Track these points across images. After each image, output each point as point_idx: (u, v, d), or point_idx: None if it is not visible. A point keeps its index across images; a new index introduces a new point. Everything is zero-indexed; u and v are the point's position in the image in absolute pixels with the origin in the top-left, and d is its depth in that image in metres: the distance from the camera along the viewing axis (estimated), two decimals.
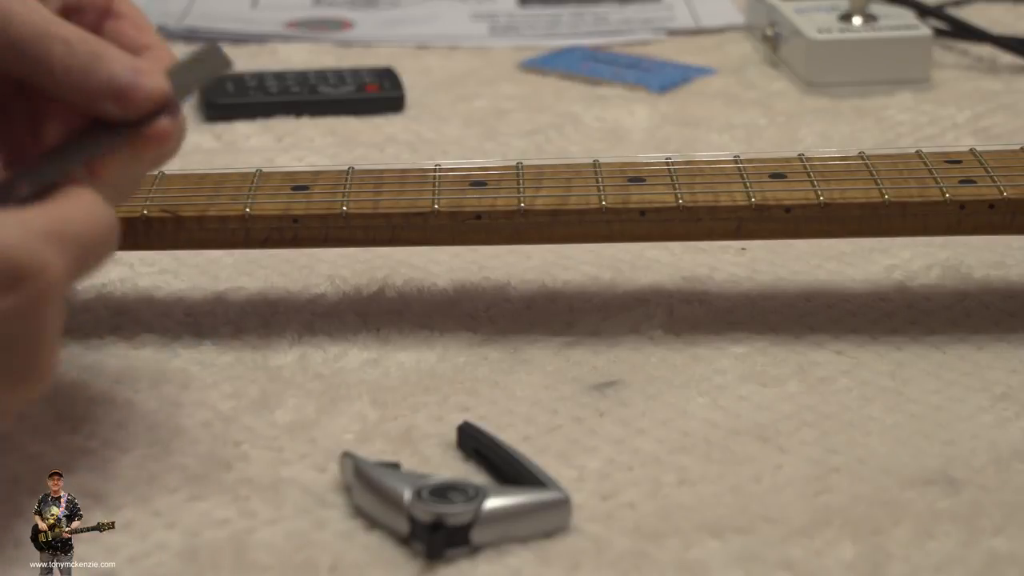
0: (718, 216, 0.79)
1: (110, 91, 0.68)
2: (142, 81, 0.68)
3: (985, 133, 1.08)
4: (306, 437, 0.72)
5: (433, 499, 0.64)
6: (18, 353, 0.61)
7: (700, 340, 0.81)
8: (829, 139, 1.07)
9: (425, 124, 1.11)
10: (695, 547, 0.65)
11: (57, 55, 0.68)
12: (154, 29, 0.74)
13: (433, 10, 1.36)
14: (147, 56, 0.72)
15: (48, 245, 0.61)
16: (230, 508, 0.67)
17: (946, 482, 0.69)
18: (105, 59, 0.69)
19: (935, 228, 0.80)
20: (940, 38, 1.24)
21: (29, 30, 0.68)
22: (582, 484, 0.69)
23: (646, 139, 1.08)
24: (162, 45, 0.73)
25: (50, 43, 0.68)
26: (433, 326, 0.82)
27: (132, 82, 0.68)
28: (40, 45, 0.68)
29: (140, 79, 0.68)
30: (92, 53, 0.68)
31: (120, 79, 0.68)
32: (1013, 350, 0.80)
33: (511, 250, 0.89)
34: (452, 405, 0.75)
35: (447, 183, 0.80)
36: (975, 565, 0.64)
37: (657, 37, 1.30)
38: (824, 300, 0.85)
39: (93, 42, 0.69)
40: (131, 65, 0.69)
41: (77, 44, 0.68)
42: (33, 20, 0.68)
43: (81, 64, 0.68)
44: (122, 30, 0.73)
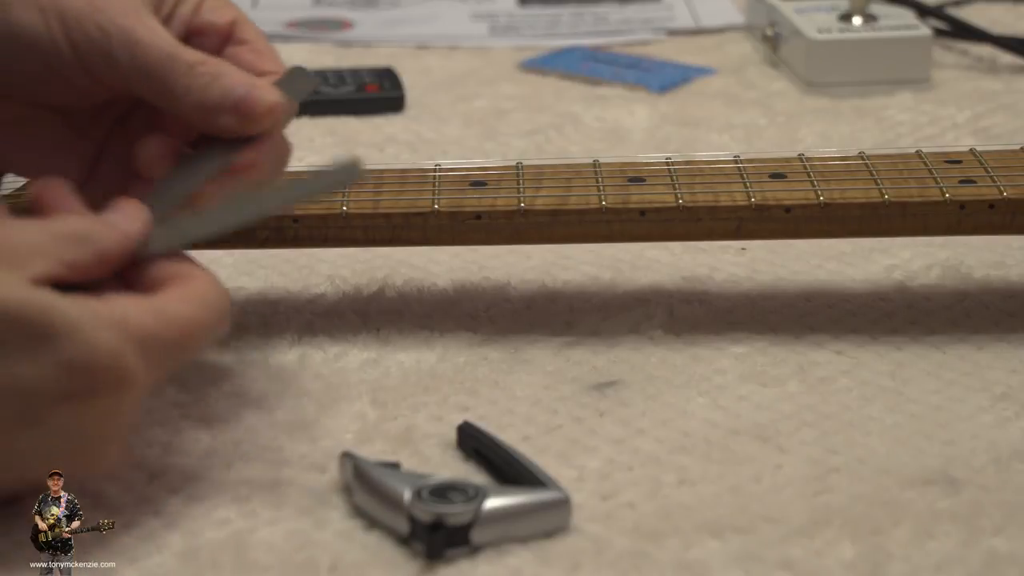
0: (718, 216, 0.79)
1: (228, 104, 0.71)
2: (257, 93, 0.71)
3: (985, 133, 1.08)
4: (306, 437, 0.72)
5: (433, 499, 0.64)
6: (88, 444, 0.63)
7: (700, 340, 0.81)
8: (829, 139, 1.07)
9: (425, 124, 1.10)
10: (695, 547, 0.65)
11: (180, 77, 0.71)
12: (277, 58, 0.76)
13: (433, 10, 1.36)
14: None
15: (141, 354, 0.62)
16: (230, 508, 0.67)
17: (946, 482, 0.69)
18: (223, 77, 0.71)
19: (935, 228, 0.80)
20: (940, 38, 1.24)
21: (154, 54, 0.70)
22: (582, 484, 0.69)
23: (646, 139, 1.08)
24: (280, 69, 0.75)
25: (173, 66, 0.71)
26: (433, 326, 0.82)
27: (248, 95, 0.71)
28: (164, 68, 0.71)
29: (255, 92, 0.71)
30: (211, 74, 0.71)
31: (237, 92, 0.71)
32: (1013, 350, 0.79)
33: (511, 250, 0.89)
34: (452, 405, 0.75)
35: (447, 183, 0.80)
36: (975, 565, 0.64)
37: (657, 37, 1.30)
38: (824, 300, 0.85)
39: (213, 63, 0.71)
40: (247, 80, 0.72)
41: (200, 67, 0.71)
42: (158, 45, 0.71)
43: (201, 84, 0.71)
44: (241, 55, 0.75)
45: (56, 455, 0.62)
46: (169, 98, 0.71)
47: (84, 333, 0.60)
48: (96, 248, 0.64)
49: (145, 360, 0.62)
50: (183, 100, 0.71)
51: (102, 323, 0.61)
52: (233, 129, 0.71)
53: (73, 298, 0.61)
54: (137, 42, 0.70)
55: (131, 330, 0.62)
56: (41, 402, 0.60)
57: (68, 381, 0.60)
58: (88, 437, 0.62)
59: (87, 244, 0.64)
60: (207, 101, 0.71)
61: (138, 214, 0.67)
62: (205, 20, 0.75)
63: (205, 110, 0.71)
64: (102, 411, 0.62)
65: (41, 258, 0.62)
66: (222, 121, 0.71)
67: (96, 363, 0.60)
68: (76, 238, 0.64)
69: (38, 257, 0.62)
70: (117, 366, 0.61)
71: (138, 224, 0.67)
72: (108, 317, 0.61)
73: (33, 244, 0.63)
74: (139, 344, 0.62)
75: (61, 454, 0.62)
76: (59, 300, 0.60)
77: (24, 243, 0.62)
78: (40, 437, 0.61)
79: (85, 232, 0.65)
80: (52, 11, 0.70)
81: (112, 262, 0.65)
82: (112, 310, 0.62)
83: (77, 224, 0.65)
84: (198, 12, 0.75)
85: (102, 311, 0.61)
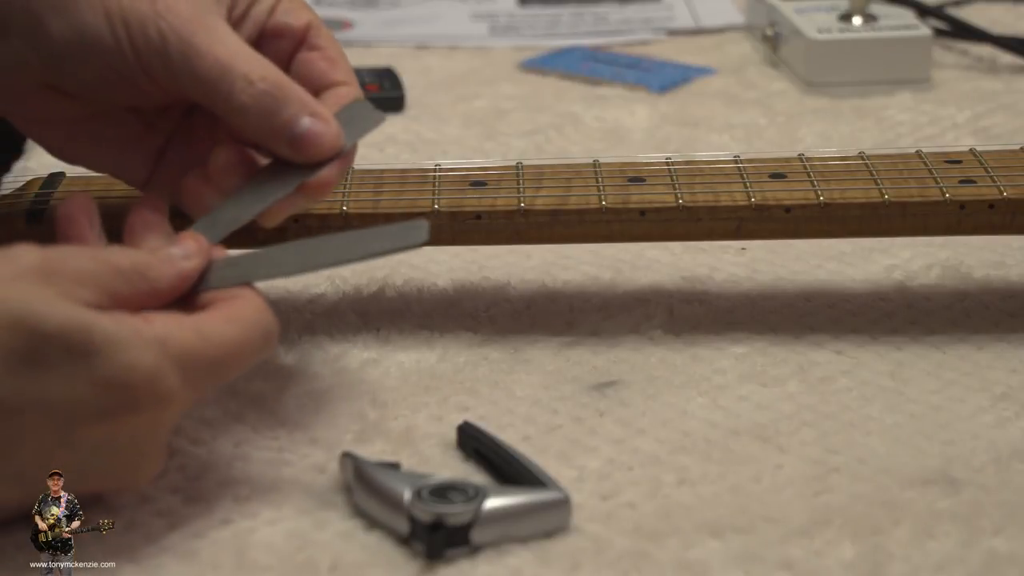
0: (718, 216, 0.79)
1: (286, 137, 0.69)
2: (319, 131, 0.69)
3: (985, 133, 1.08)
4: (306, 437, 0.72)
5: (433, 499, 0.64)
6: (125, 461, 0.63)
7: (700, 340, 0.81)
8: (829, 139, 1.07)
9: (425, 124, 1.10)
10: (695, 547, 0.65)
11: (236, 93, 0.69)
12: (350, 69, 0.74)
13: (433, 10, 1.35)
14: (331, 95, 0.73)
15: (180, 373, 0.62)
16: (230, 508, 0.67)
17: (946, 482, 0.69)
18: (285, 103, 0.69)
19: (935, 228, 0.80)
20: (940, 38, 1.24)
21: (211, 64, 0.69)
22: (582, 484, 0.69)
23: (646, 139, 1.08)
24: (352, 81, 0.74)
25: (231, 80, 0.69)
26: (433, 326, 0.82)
27: (310, 131, 0.69)
28: (221, 81, 0.69)
29: (317, 128, 0.69)
30: (271, 96, 0.69)
31: (298, 128, 0.69)
32: (1013, 350, 0.79)
33: (511, 250, 0.89)
34: (452, 405, 0.75)
35: (447, 183, 0.80)
36: (975, 565, 0.64)
37: (657, 37, 1.30)
38: (824, 300, 0.85)
39: (275, 82, 0.69)
40: (311, 110, 0.70)
41: (259, 83, 0.69)
42: (216, 54, 0.69)
43: (260, 105, 0.69)
44: (313, 62, 0.73)
45: (92, 471, 0.62)
46: (226, 113, 0.70)
47: (123, 351, 0.60)
48: (150, 286, 0.64)
49: (184, 379, 0.62)
50: (241, 117, 0.70)
51: (142, 341, 0.61)
52: (290, 157, 0.70)
53: (114, 316, 0.61)
54: (195, 49, 0.69)
55: (171, 348, 0.61)
56: (78, 419, 0.60)
57: (105, 398, 0.60)
58: (124, 454, 0.62)
59: (141, 281, 0.64)
60: (267, 127, 0.70)
61: (198, 250, 0.66)
62: (280, 22, 0.73)
63: (264, 134, 0.70)
64: (139, 429, 0.62)
65: (90, 289, 0.62)
66: (280, 149, 0.70)
67: (134, 381, 0.60)
68: (132, 272, 0.63)
69: (87, 286, 0.62)
70: (155, 384, 0.61)
71: (196, 261, 0.66)
72: (149, 335, 0.61)
73: (85, 273, 0.62)
74: (178, 363, 0.61)
75: (97, 470, 0.62)
76: (99, 318, 0.60)
77: (75, 270, 0.62)
78: (77, 453, 0.61)
79: (142, 267, 0.64)
80: (117, 15, 0.69)
81: (165, 299, 0.65)
82: (153, 328, 0.61)
83: (135, 258, 0.64)
84: (273, 13, 0.74)
85: (143, 329, 0.61)
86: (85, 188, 0.81)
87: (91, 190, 0.80)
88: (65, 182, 0.82)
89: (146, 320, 0.62)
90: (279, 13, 0.74)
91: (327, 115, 0.70)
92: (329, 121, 0.70)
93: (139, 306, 0.64)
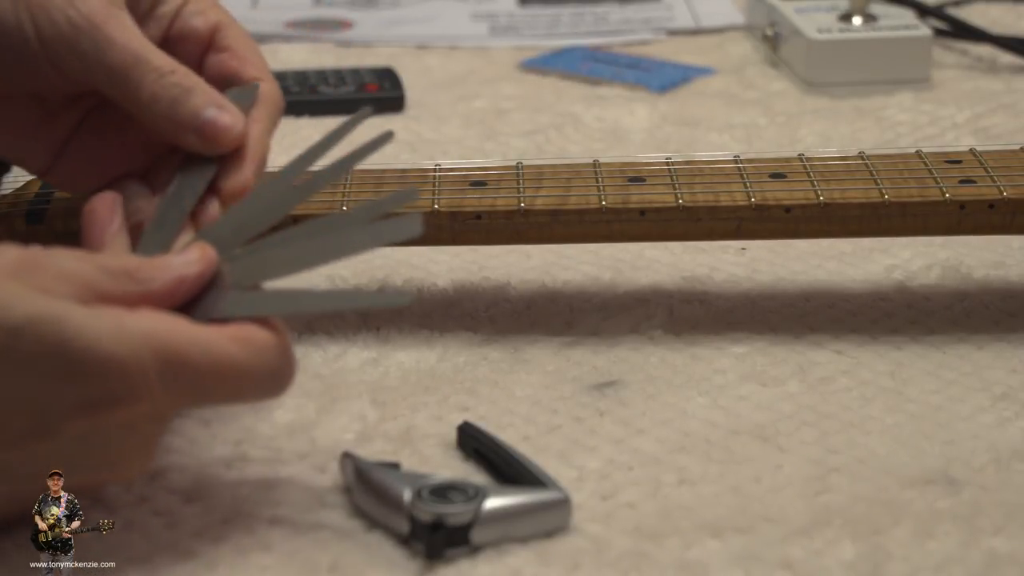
0: (718, 216, 0.79)
1: (193, 126, 0.70)
2: (224, 120, 0.70)
3: (985, 133, 1.08)
4: (306, 437, 0.72)
5: (433, 499, 0.64)
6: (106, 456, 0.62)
7: (700, 340, 0.81)
8: (829, 139, 1.07)
9: (425, 124, 1.10)
10: (695, 547, 0.65)
11: (147, 85, 0.70)
12: (263, 63, 0.74)
13: (433, 10, 1.36)
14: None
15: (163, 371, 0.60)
16: (230, 508, 0.67)
17: (946, 482, 0.69)
18: (192, 93, 0.70)
19: (935, 228, 0.80)
20: (940, 38, 1.24)
21: (123, 55, 0.69)
22: (582, 484, 0.69)
23: (646, 139, 1.08)
24: (266, 76, 0.74)
25: (143, 72, 0.70)
26: (433, 326, 0.82)
27: (213, 118, 0.70)
28: (133, 73, 0.69)
29: (221, 116, 0.70)
30: (180, 86, 0.70)
31: (203, 115, 0.70)
32: (1013, 350, 0.80)
33: (511, 250, 0.89)
34: (452, 405, 0.75)
35: (447, 183, 0.80)
36: (975, 565, 0.64)
37: (657, 37, 1.30)
38: (824, 300, 0.85)
39: (183, 75, 0.70)
40: (216, 101, 0.70)
41: (168, 76, 0.70)
42: (131, 47, 0.69)
43: (169, 96, 0.70)
44: (224, 63, 0.74)
45: (73, 466, 0.61)
46: (135, 104, 0.70)
47: (96, 340, 0.59)
48: (141, 287, 0.62)
49: (165, 378, 0.60)
50: (149, 109, 0.70)
51: (124, 334, 0.59)
52: (197, 148, 0.70)
53: (93, 307, 0.60)
54: (106, 39, 0.69)
55: (157, 345, 0.60)
56: (54, 412, 0.59)
57: (79, 389, 0.59)
58: (108, 448, 0.61)
59: (129, 281, 0.62)
60: (174, 117, 0.70)
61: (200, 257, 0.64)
62: (187, 25, 0.74)
63: (170, 124, 0.70)
64: (117, 421, 0.60)
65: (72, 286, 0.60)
66: (187, 139, 0.70)
67: (106, 370, 0.59)
68: (122, 274, 0.62)
69: (69, 283, 0.60)
70: (128, 375, 0.59)
71: (197, 267, 0.64)
72: (133, 328, 0.60)
73: (67, 271, 0.61)
74: (164, 361, 0.60)
75: (78, 465, 0.61)
76: (75, 310, 0.59)
77: (57, 267, 0.61)
78: (56, 448, 0.60)
79: (131, 269, 0.63)
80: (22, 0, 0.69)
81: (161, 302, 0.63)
82: (140, 322, 0.60)
83: (127, 261, 0.63)
84: (179, 15, 0.74)
85: (127, 322, 0.60)
86: None
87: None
88: None
89: (135, 315, 0.60)
90: (186, 14, 0.74)
91: (231, 107, 0.71)
92: (233, 111, 0.71)
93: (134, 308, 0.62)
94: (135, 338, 0.59)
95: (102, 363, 0.59)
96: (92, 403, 0.59)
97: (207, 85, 0.71)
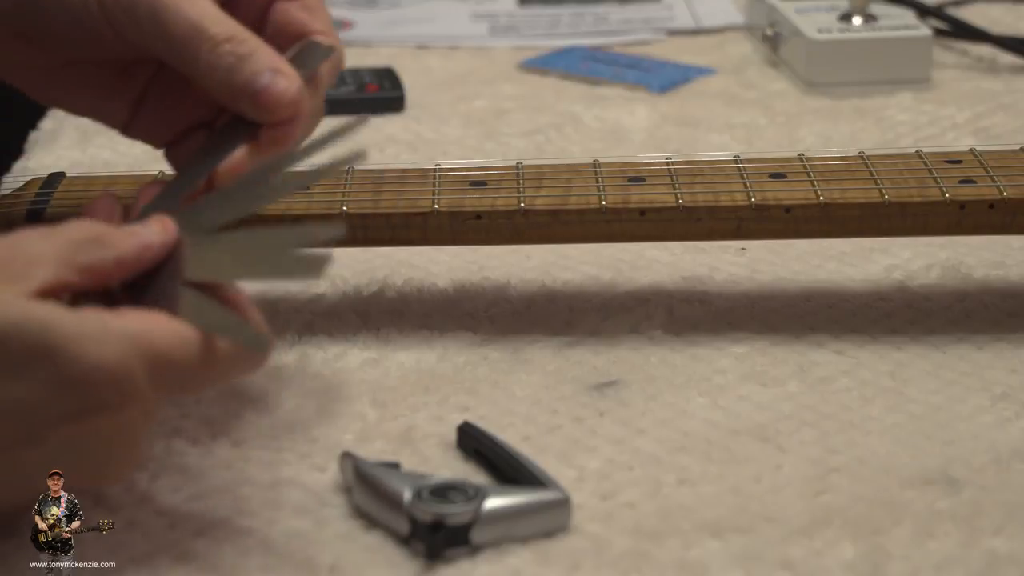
0: (718, 216, 0.79)
1: (247, 93, 0.69)
2: (278, 85, 0.69)
3: (985, 133, 1.08)
4: (306, 437, 0.72)
5: (433, 499, 0.64)
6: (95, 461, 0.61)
7: (700, 340, 0.81)
8: (829, 139, 1.07)
9: (425, 124, 1.10)
10: (695, 547, 0.65)
11: (204, 53, 0.69)
12: (328, 17, 0.74)
13: (433, 10, 1.36)
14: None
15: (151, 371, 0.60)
16: (230, 508, 0.67)
17: (946, 482, 0.69)
18: (249, 60, 0.69)
19: (935, 228, 0.80)
20: (940, 38, 1.24)
21: (179, 25, 0.69)
22: (582, 484, 0.69)
23: (646, 139, 1.08)
24: (330, 31, 0.73)
25: (199, 41, 0.69)
26: (433, 326, 0.82)
27: (269, 86, 0.69)
28: (189, 41, 0.69)
29: (277, 82, 0.69)
30: (235, 54, 0.69)
31: (257, 83, 0.69)
32: (1013, 350, 0.80)
33: (511, 250, 0.89)
34: (452, 405, 0.75)
35: (447, 183, 0.80)
36: (975, 565, 0.64)
37: (657, 37, 1.30)
38: (824, 300, 0.85)
39: (241, 42, 0.70)
40: (272, 65, 0.69)
41: (225, 44, 0.69)
42: (186, 14, 0.69)
43: (224, 65, 0.69)
44: (291, 12, 0.73)
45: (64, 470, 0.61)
46: (193, 72, 0.70)
47: (83, 348, 0.58)
48: (110, 253, 0.62)
49: (155, 378, 0.60)
50: (206, 78, 0.70)
51: (109, 337, 0.59)
52: (254, 116, 0.70)
53: (79, 312, 0.59)
54: (163, 8, 0.69)
55: (142, 345, 0.59)
56: (41, 420, 0.59)
57: (67, 398, 0.58)
58: (95, 453, 0.61)
59: (102, 248, 0.62)
60: (230, 86, 0.69)
61: (162, 227, 0.65)
62: None
63: (227, 93, 0.70)
64: (106, 427, 0.60)
65: (46, 266, 0.60)
66: (243, 107, 0.70)
67: (94, 378, 0.58)
68: (90, 241, 0.62)
69: (42, 266, 0.60)
70: (117, 381, 0.59)
71: (161, 236, 0.64)
72: (117, 330, 0.59)
73: (37, 254, 0.60)
74: (150, 360, 0.60)
75: (67, 470, 0.61)
76: (60, 314, 0.58)
77: (26, 253, 0.60)
78: (44, 455, 0.60)
79: (99, 236, 0.62)
80: None
81: (131, 268, 0.63)
82: (124, 324, 0.60)
83: (91, 229, 0.63)
84: None
85: (112, 324, 0.59)
86: (85, 188, 0.81)
87: (91, 190, 0.80)
88: (65, 182, 0.82)
89: (118, 315, 0.60)
90: None
91: (289, 70, 0.70)
92: (289, 75, 0.70)
93: (107, 279, 0.62)
94: (122, 342, 0.59)
95: (89, 372, 0.58)
96: (80, 410, 0.59)
97: (265, 49, 0.70)
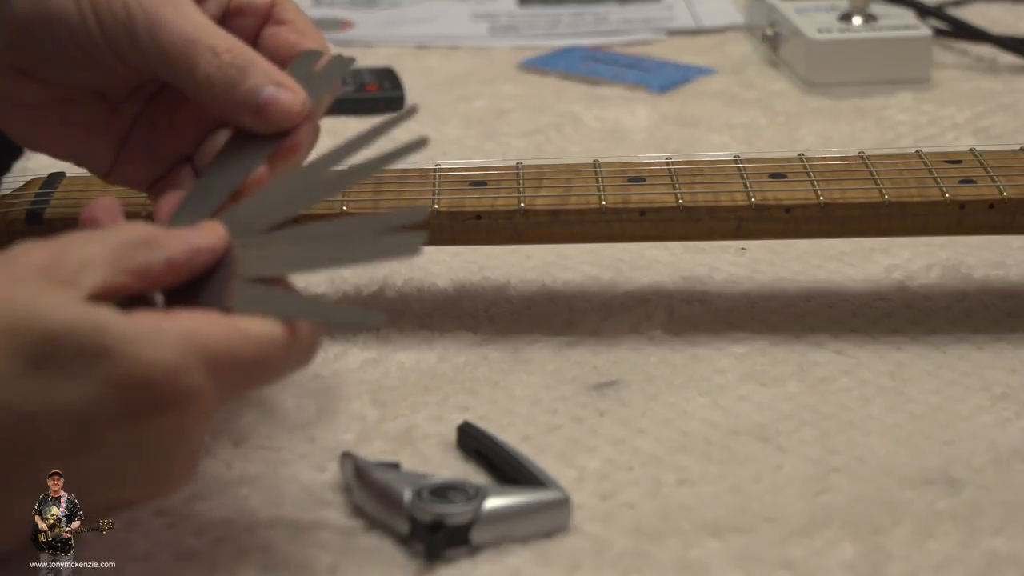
0: (718, 216, 0.79)
1: (249, 106, 0.69)
2: (282, 97, 0.69)
3: (985, 133, 1.08)
4: (306, 437, 0.72)
5: (433, 499, 0.64)
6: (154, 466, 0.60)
7: (700, 340, 0.81)
8: (829, 139, 1.07)
9: (425, 124, 1.10)
10: (695, 547, 0.65)
11: (202, 66, 0.69)
12: (320, 37, 0.74)
13: (433, 10, 1.36)
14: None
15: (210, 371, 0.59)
16: (230, 508, 0.67)
17: (946, 482, 0.69)
18: (249, 73, 0.69)
19: (935, 228, 0.80)
20: (940, 38, 1.24)
21: (177, 38, 0.69)
22: (582, 484, 0.69)
23: (646, 139, 1.08)
24: (323, 50, 0.73)
25: (197, 53, 0.69)
26: (433, 326, 0.82)
27: (272, 97, 0.69)
28: (187, 54, 0.69)
29: (280, 95, 0.69)
30: (237, 66, 0.69)
31: (260, 95, 0.69)
32: (1013, 350, 0.80)
33: (511, 250, 0.89)
34: (452, 405, 0.75)
35: (447, 183, 0.80)
36: (975, 565, 0.64)
37: (657, 37, 1.30)
38: (824, 300, 0.85)
39: (240, 53, 0.69)
40: (274, 79, 0.69)
41: (224, 55, 0.69)
42: (182, 28, 0.69)
43: (225, 77, 0.69)
44: (281, 36, 0.73)
45: (120, 478, 0.60)
46: (192, 87, 0.69)
47: (139, 349, 0.57)
48: (161, 255, 0.61)
49: (214, 377, 0.59)
50: (205, 91, 0.69)
51: (165, 338, 0.58)
52: (256, 128, 0.69)
53: (133, 314, 0.58)
54: (160, 23, 0.68)
55: (199, 345, 0.59)
56: (98, 424, 0.58)
57: (124, 399, 0.58)
58: (152, 459, 0.60)
59: (153, 250, 0.61)
60: (231, 98, 0.69)
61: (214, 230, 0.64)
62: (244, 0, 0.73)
63: (228, 105, 0.69)
64: (165, 430, 0.59)
65: (98, 269, 0.59)
66: (245, 119, 0.69)
67: (152, 379, 0.57)
68: (141, 243, 0.61)
69: (94, 268, 0.59)
70: (175, 382, 0.58)
71: (212, 239, 0.63)
72: (173, 332, 0.58)
73: (88, 256, 0.59)
74: (208, 360, 0.59)
75: (124, 477, 0.60)
76: (113, 316, 0.58)
77: (77, 256, 0.59)
78: (102, 460, 0.59)
79: (150, 238, 0.61)
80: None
81: (182, 272, 0.62)
82: (179, 324, 0.59)
83: (142, 231, 0.62)
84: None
85: (167, 326, 0.58)
86: (85, 188, 0.81)
87: (91, 190, 0.81)
88: (65, 182, 0.82)
89: (172, 317, 0.59)
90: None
91: (292, 83, 0.70)
92: (293, 88, 0.70)
93: (159, 282, 0.61)
94: (179, 341, 0.58)
95: (145, 371, 0.58)
96: (137, 410, 0.58)
97: (265, 62, 0.70)
